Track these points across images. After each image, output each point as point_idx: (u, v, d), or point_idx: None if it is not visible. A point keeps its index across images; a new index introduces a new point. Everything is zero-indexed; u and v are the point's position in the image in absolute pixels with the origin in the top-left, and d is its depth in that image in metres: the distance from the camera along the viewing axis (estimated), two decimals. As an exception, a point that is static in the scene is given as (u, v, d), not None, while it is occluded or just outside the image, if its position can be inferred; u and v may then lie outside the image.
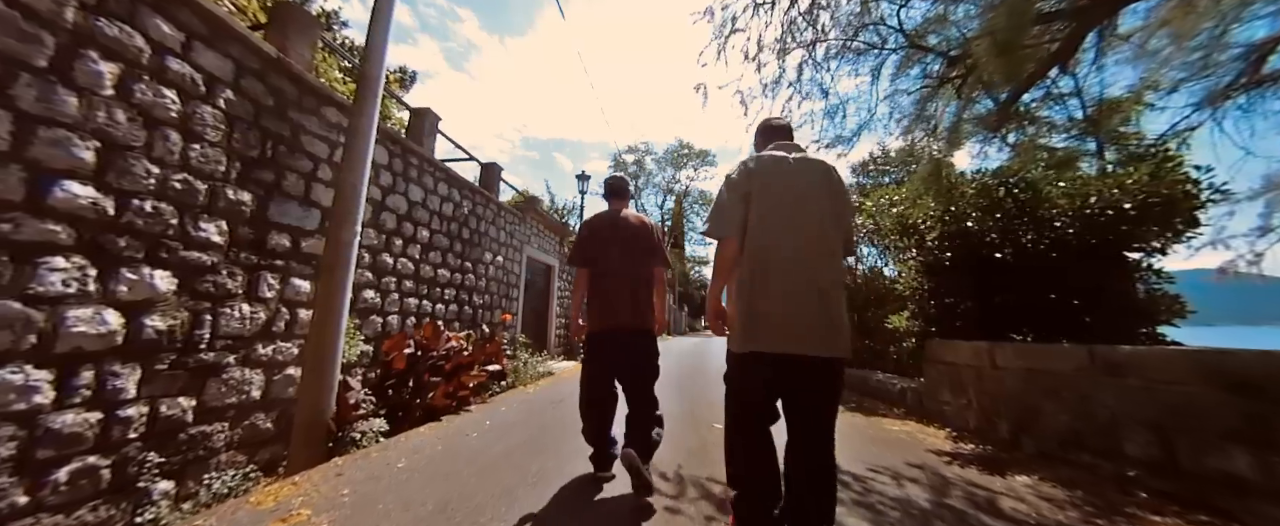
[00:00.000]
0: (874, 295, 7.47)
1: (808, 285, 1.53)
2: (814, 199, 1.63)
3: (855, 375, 6.53)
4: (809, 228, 1.59)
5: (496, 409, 4.51)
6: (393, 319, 4.70)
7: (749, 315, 1.57)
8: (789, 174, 1.67)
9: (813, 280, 1.54)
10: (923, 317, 4.47)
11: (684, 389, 5.72)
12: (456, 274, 6.01)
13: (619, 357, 2.40)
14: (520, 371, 6.47)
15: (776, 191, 1.64)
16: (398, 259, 4.79)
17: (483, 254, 6.78)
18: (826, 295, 1.53)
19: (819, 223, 1.61)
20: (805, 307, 1.51)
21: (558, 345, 10.73)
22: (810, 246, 1.58)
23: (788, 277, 1.55)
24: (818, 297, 1.52)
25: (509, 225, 7.88)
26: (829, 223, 1.62)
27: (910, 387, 4.83)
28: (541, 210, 9.58)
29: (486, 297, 6.92)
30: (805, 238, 1.58)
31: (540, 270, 9.74)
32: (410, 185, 5.01)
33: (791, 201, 1.62)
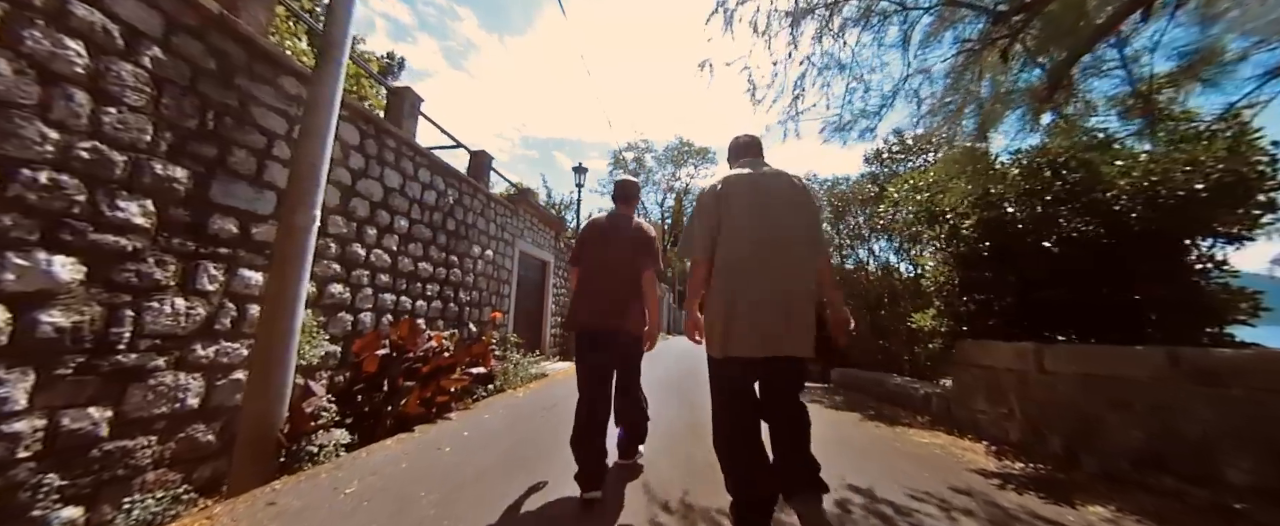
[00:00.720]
0: (887, 292, 7.07)
1: (775, 294, 1.70)
2: (780, 211, 1.79)
3: (870, 378, 6.12)
4: (776, 240, 1.75)
5: (479, 416, 4.10)
6: (365, 316, 4.29)
7: (723, 324, 1.74)
8: (756, 190, 1.83)
9: (779, 289, 1.71)
10: (951, 316, 4.06)
11: (685, 396, 5.31)
12: (440, 268, 5.60)
13: (604, 355, 2.43)
14: (510, 373, 6.06)
15: (744, 208, 1.79)
16: (371, 250, 4.37)
17: (470, 247, 6.37)
18: (793, 302, 1.71)
19: (786, 234, 1.76)
20: (773, 315, 1.68)
21: (553, 345, 10.32)
22: (777, 257, 1.73)
23: (756, 288, 1.71)
24: (784, 305, 1.69)
25: (500, 218, 7.46)
26: (796, 232, 1.78)
27: (935, 393, 4.42)
28: (535, 203, 9.17)
29: (474, 294, 6.50)
30: (772, 249, 1.74)
31: (534, 266, 9.33)
32: (386, 170, 4.60)
33: (759, 216, 1.78)
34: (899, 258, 7.14)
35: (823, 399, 5.71)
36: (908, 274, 7.08)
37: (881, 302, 7.11)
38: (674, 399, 5.03)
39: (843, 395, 6.00)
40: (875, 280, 7.14)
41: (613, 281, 2.44)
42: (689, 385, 6.07)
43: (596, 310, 2.41)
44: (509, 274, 7.74)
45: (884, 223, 6.22)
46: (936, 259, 4.14)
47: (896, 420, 4.30)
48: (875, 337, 6.82)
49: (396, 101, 5.23)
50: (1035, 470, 2.78)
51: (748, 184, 1.86)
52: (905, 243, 6.39)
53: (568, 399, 4.33)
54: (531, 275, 9.21)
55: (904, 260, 7.12)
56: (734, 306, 1.73)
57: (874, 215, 6.17)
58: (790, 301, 1.71)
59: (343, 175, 4.03)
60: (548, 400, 5.02)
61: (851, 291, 7.25)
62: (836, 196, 7.01)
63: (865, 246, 7.32)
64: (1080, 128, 3.85)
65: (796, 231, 1.79)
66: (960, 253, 3.70)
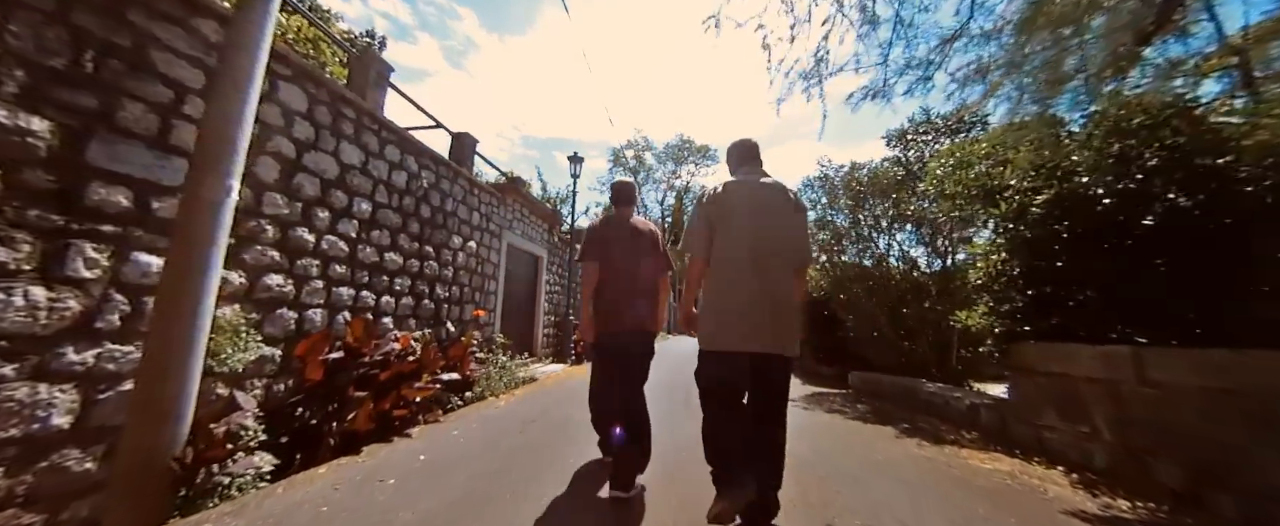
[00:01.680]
0: (911, 289, 6.45)
1: (764, 295, 1.90)
2: (773, 218, 2.01)
3: (897, 384, 5.51)
4: (767, 244, 1.96)
5: (446, 433, 3.50)
6: (315, 313, 3.68)
7: (714, 320, 1.97)
8: (751, 199, 2.03)
9: (768, 290, 1.91)
10: (1007, 313, 3.45)
11: (692, 407, 4.71)
12: (413, 260, 4.99)
13: (622, 355, 2.54)
14: (492, 379, 5.45)
15: (740, 214, 2.01)
16: (323, 237, 3.77)
17: (449, 238, 5.76)
18: (780, 303, 1.92)
19: (776, 241, 1.98)
20: (761, 314, 1.89)
21: (546, 346, 9.72)
22: (767, 260, 1.94)
23: (747, 288, 1.92)
24: (772, 305, 1.90)
25: (485, 207, 6.86)
26: (785, 240, 2.00)
27: (983, 404, 3.81)
28: (526, 193, 8.57)
29: (454, 290, 5.90)
30: (762, 255, 1.95)
31: (525, 260, 8.73)
32: (343, 143, 3.99)
33: (752, 222, 1.99)
34: (925, 251, 6.53)
35: (845, 408, 5.10)
36: (932, 268, 6.47)
37: (905, 300, 6.50)
38: (681, 412, 4.42)
39: (867, 403, 5.39)
40: (898, 276, 6.52)
41: (625, 282, 2.55)
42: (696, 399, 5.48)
43: (612, 312, 2.53)
44: (495, 268, 7.14)
45: (914, 210, 5.62)
46: (991, 245, 3.52)
47: (940, 437, 3.69)
48: (899, 338, 6.21)
49: (360, 69, 4.63)
50: (1150, 513, 2.17)
51: (744, 192, 2.05)
52: (942, 231, 5.78)
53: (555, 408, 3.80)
54: (522, 271, 8.61)
55: (929, 253, 6.51)
56: (725, 304, 1.93)
57: (901, 201, 5.57)
58: (777, 303, 1.89)
59: (284, 146, 3.43)
60: (532, 411, 4.41)
61: (871, 288, 6.64)
62: (855, 184, 6.40)
63: (887, 237, 6.71)
64: (1181, 74, 3.23)
65: (785, 240, 1.99)
66: (1025, 237, 3.10)
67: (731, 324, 1.90)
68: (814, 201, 7.61)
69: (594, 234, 2.70)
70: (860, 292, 6.57)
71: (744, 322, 1.88)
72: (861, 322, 6.66)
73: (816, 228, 7.68)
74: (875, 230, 6.60)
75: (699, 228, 2.08)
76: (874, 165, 6.56)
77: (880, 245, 7.01)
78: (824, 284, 7.73)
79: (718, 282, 1.99)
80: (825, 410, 4.94)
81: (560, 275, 10.71)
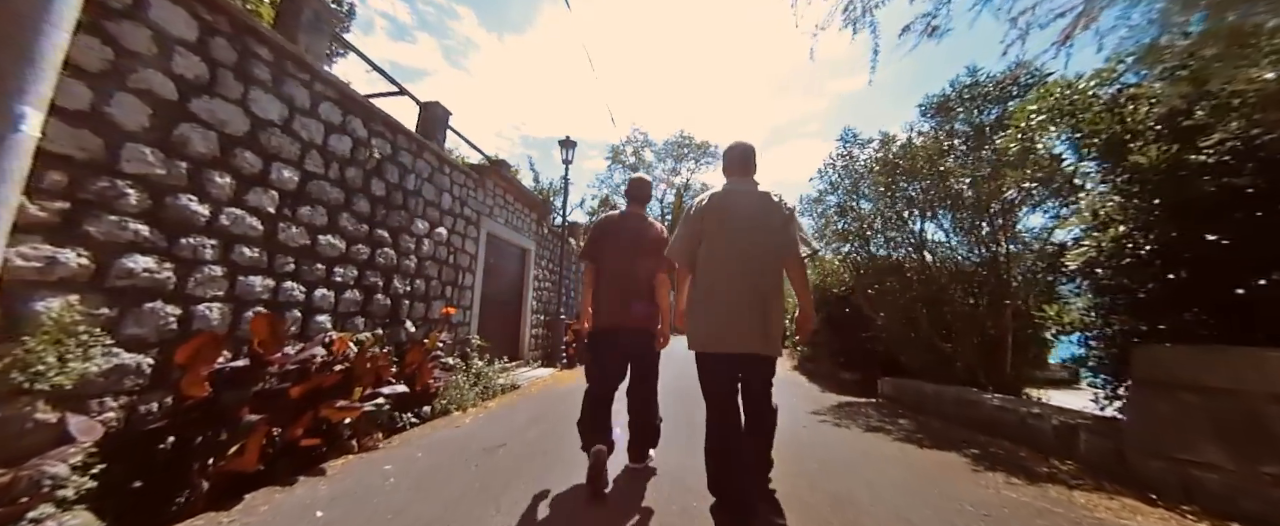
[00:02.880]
0: (953, 281, 5.62)
1: (747, 298, 2.04)
2: (753, 229, 2.11)
3: (944, 394, 4.67)
4: (752, 250, 2.09)
5: (374, 470, 2.67)
6: (209, 309, 2.85)
7: (701, 323, 2.13)
8: (734, 209, 2.16)
9: (751, 294, 2.04)
10: (1126, 306, 2.62)
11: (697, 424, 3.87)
12: (360, 246, 4.15)
13: (618, 355, 2.58)
14: (462, 388, 4.61)
15: (726, 222, 2.13)
16: (222, 209, 2.93)
17: (411, 222, 4.92)
18: (763, 306, 2.03)
19: (758, 249, 2.09)
20: (744, 317, 2.02)
21: (535, 348, 8.88)
22: (751, 265, 2.08)
23: (731, 292, 2.06)
24: (755, 308, 2.03)
25: (460, 190, 6.02)
26: (767, 248, 2.10)
27: (1083, 425, 2.97)
28: (511, 178, 7.73)
29: (418, 283, 5.06)
30: (747, 259, 2.08)
31: (510, 253, 7.89)
32: (255, 92, 3.16)
33: (737, 230, 2.12)
34: (966, 239, 5.69)
35: (886, 424, 4.27)
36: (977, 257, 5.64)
37: (945, 294, 5.67)
38: (687, 428, 3.60)
39: (908, 418, 4.56)
40: (937, 267, 5.69)
41: (632, 281, 2.57)
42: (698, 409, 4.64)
43: (617, 310, 2.55)
44: (472, 260, 6.30)
45: (958, 189, 4.78)
46: (1100, 215, 2.67)
47: (1028, 470, 2.86)
48: (940, 339, 5.37)
49: (291, 7, 3.79)
50: None
51: (730, 202, 2.19)
52: (989, 213, 4.94)
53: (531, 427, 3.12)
54: (506, 264, 7.77)
55: (971, 242, 5.67)
56: (710, 309, 2.10)
57: (950, 174, 4.74)
58: (759, 307, 2.04)
59: (159, 83, 2.59)
60: (501, 432, 3.58)
61: (908, 281, 5.81)
62: (889, 160, 5.56)
63: (923, 222, 5.88)
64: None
65: (767, 247, 2.11)
66: (1175, 199, 2.26)
67: (716, 328, 2.07)
68: (834, 185, 6.79)
69: (597, 231, 2.74)
70: (894, 286, 5.75)
71: (727, 328, 2.04)
72: (894, 321, 5.83)
73: (837, 215, 6.86)
74: (911, 214, 5.77)
75: (684, 237, 2.23)
76: (909, 137, 5.73)
77: (916, 231, 6.18)
78: (847, 278, 6.90)
79: (703, 289, 2.15)
80: (862, 427, 4.11)
81: (550, 270, 9.87)
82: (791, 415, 4.71)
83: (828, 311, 7.69)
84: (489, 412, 4.40)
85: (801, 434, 3.80)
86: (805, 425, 4.17)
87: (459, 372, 4.96)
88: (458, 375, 4.83)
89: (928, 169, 5.32)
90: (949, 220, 5.87)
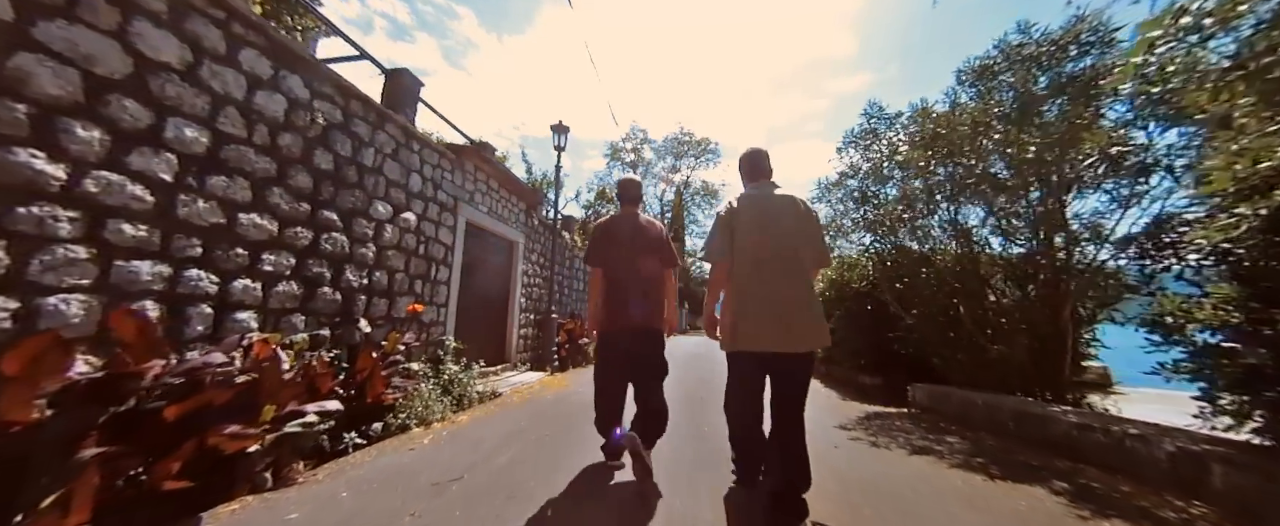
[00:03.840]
0: (1001, 273, 4.96)
1: (777, 297, 2.13)
2: (786, 229, 2.24)
3: (1007, 408, 4.01)
4: (780, 252, 2.20)
5: (276, 517, 1.99)
6: (64, 303, 2.19)
7: (734, 323, 2.19)
8: (764, 212, 2.28)
9: (781, 296, 2.13)
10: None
11: (704, 437, 3.21)
12: (298, 229, 3.49)
13: (628, 355, 2.67)
14: (427, 399, 3.95)
15: (755, 224, 2.25)
16: (89, 172, 2.27)
17: (370, 203, 4.25)
18: (793, 305, 2.12)
19: (789, 247, 2.21)
20: (774, 316, 2.11)
21: (523, 350, 8.22)
22: (780, 266, 2.18)
23: (762, 292, 2.16)
24: (785, 308, 2.11)
25: (433, 170, 5.36)
26: (797, 245, 2.22)
27: (1217, 453, 2.30)
28: (495, 161, 7.05)
29: (378, 276, 4.40)
30: (776, 263, 2.18)
31: (495, 245, 7.22)
32: (140, 24, 2.49)
33: (766, 232, 2.23)
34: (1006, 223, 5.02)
35: (931, 442, 3.60)
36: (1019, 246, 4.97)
37: (983, 288, 5.02)
38: (692, 439, 2.95)
39: (957, 436, 3.89)
40: (979, 257, 5.03)
41: (636, 281, 2.69)
42: (700, 416, 3.98)
43: (623, 310, 2.66)
44: (447, 251, 5.63)
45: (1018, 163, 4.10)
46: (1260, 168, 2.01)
47: (1153, 515, 2.19)
48: (987, 339, 4.71)
49: (206, -67, 3.11)
50: None
51: (758, 206, 2.31)
52: (1051, 187, 4.27)
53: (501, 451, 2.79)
54: (491, 258, 7.11)
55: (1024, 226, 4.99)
56: (743, 309, 2.17)
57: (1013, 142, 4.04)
58: (790, 306, 2.12)
59: (-23, -6, 1.91)
60: (462, 457, 2.90)
61: (952, 272, 5.14)
62: (925, 136, 4.88)
63: (961, 207, 5.21)
64: None
65: (797, 248, 2.22)
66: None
67: (748, 328, 2.15)
68: (854, 168, 6.11)
69: (599, 234, 2.85)
70: (929, 279, 5.08)
71: (760, 327, 2.13)
72: (929, 320, 5.16)
73: (856, 202, 6.19)
74: (952, 195, 5.09)
75: (720, 236, 2.32)
76: (950, 107, 5.03)
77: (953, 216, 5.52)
78: (871, 272, 6.22)
79: (735, 291, 2.24)
80: (905, 447, 3.45)
81: (541, 266, 9.20)
82: (817, 429, 4.05)
83: (846, 309, 7.02)
84: (457, 429, 3.73)
85: (836, 458, 3.13)
86: (837, 445, 3.51)
87: (425, 380, 4.29)
88: (423, 383, 4.16)
89: (971, 145, 4.63)
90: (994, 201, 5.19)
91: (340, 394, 3.40)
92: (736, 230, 2.26)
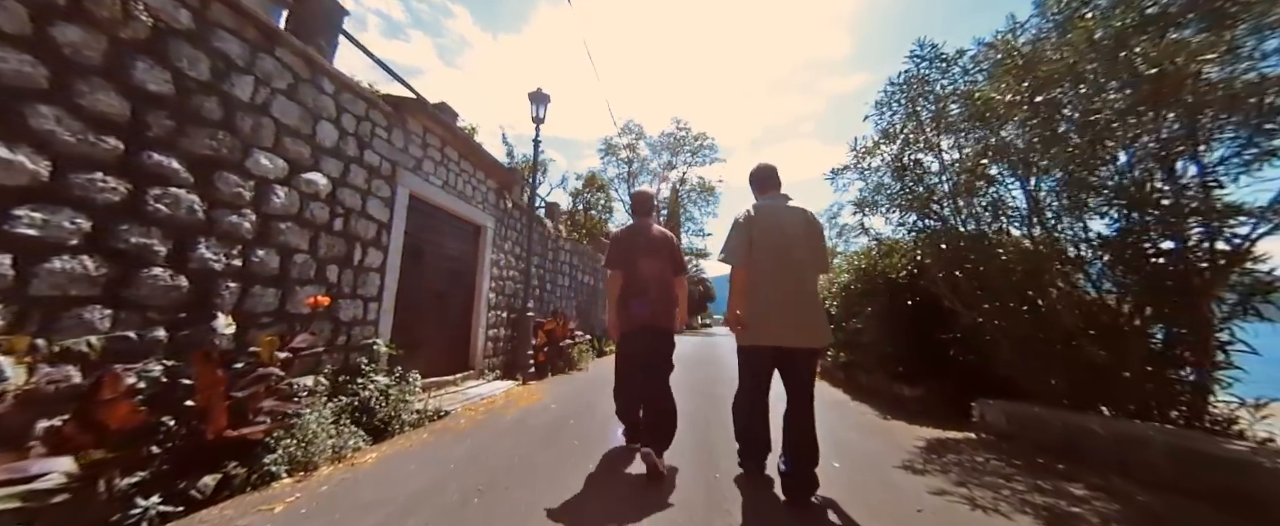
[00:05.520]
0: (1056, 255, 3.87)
1: (789, 299, 2.48)
2: (797, 237, 2.59)
3: (1152, 443, 2.88)
4: (791, 258, 2.54)
5: None
6: None
7: (750, 320, 2.50)
8: (778, 221, 2.62)
9: (793, 296, 2.49)
10: None
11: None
12: (102, 177, 2.34)
13: (641, 350, 3.00)
14: (311, 432, 2.78)
15: (770, 232, 2.58)
16: None
17: (245, 154, 3.11)
18: (803, 305, 2.49)
19: (800, 254, 2.56)
20: (787, 314, 2.46)
21: (492, 354, 7.06)
22: (792, 271, 2.52)
23: (776, 295, 2.49)
24: (795, 307, 2.47)
25: (361, 124, 4.21)
26: (805, 255, 2.57)
27: None
28: (454, 126, 5.87)
29: (262, 256, 3.25)
30: (789, 265, 2.53)
31: (456, 229, 6.05)
32: None
33: (780, 240, 2.57)
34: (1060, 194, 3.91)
35: (1055, 501, 2.48)
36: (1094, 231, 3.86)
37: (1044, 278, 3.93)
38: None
39: (1082, 485, 2.76)
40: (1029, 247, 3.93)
41: (651, 285, 3.03)
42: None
43: (639, 310, 2.99)
44: (379, 230, 4.46)
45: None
46: None
47: None
48: (1093, 343, 3.59)
49: None
50: None
51: (773, 216, 2.64)
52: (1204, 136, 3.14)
53: (407, 514, 2.15)
54: (449, 243, 5.94)
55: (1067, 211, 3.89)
56: (759, 309, 2.49)
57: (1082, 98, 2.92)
58: (801, 307, 2.48)
59: None
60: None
61: (1022, 260, 4.04)
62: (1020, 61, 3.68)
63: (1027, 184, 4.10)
64: None
65: (805, 254, 2.57)
66: None
67: (763, 324, 2.47)
68: (890, 133, 4.97)
69: (619, 243, 3.19)
70: (1013, 265, 3.95)
71: (772, 323, 2.46)
72: (1005, 316, 4.02)
73: (894, 176, 5.07)
74: (1030, 162, 3.96)
75: (738, 240, 2.61)
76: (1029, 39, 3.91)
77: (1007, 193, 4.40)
78: (919, 257, 5.09)
79: (752, 290, 2.54)
80: (1025, 511, 2.31)
81: (516, 256, 8.04)
82: (874, 471, 2.92)
83: (879, 305, 5.89)
84: (351, 475, 2.58)
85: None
86: (920, 507, 2.37)
87: (317, 400, 3.13)
88: (315, 407, 2.99)
89: (1083, 70, 3.40)
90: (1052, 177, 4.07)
91: (170, 427, 2.26)
92: (754, 236, 2.57)
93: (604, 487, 2.53)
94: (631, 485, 2.58)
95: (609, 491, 2.48)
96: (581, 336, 9.01)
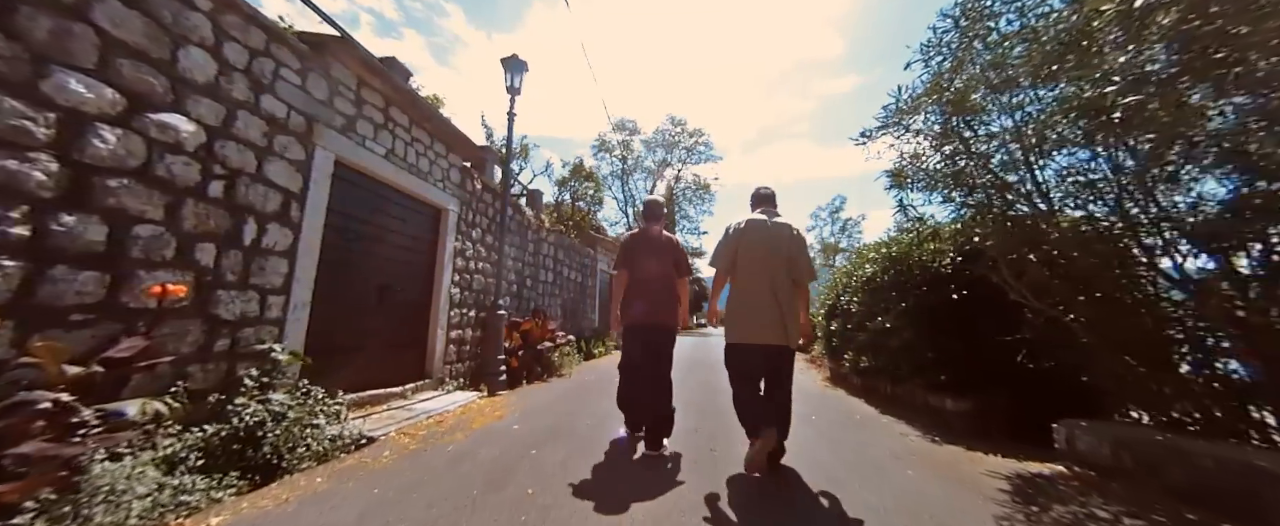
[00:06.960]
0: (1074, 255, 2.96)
1: (769, 302, 2.90)
2: (779, 249, 3.00)
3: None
4: (774, 266, 2.97)
5: None
6: None
7: (732, 320, 3.02)
8: (764, 233, 3.05)
9: (772, 299, 2.91)
10: None
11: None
12: None
13: (644, 344, 3.37)
14: (117, 489, 1.79)
15: (755, 243, 3.02)
16: None
17: (45, 74, 2.14)
18: (781, 308, 2.89)
19: (781, 264, 2.98)
20: (766, 315, 2.90)
21: (454, 359, 6.09)
22: (773, 278, 2.94)
23: (756, 296, 2.95)
24: (774, 309, 2.89)
25: (249, 58, 3.26)
26: (786, 263, 2.99)
27: None
28: (401, 84, 4.90)
29: (66, 226, 2.28)
30: (770, 272, 2.96)
31: (406, 210, 5.08)
32: None
33: (763, 251, 3.00)
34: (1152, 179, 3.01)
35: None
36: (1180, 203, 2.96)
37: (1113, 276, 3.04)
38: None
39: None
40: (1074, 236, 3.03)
41: (656, 286, 3.42)
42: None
43: (646, 309, 3.37)
44: (286, 201, 3.50)
45: None
46: None
47: None
48: (1248, 347, 2.69)
49: None
50: None
51: (760, 228, 3.06)
52: None
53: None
54: (397, 226, 4.98)
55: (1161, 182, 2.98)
56: (741, 310, 2.97)
57: None
58: (779, 311, 2.89)
59: None
60: None
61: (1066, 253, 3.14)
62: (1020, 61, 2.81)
63: (1099, 151, 3.21)
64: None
65: (784, 265, 2.98)
66: None
67: (746, 324, 2.94)
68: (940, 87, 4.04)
69: (628, 246, 3.55)
70: (1122, 246, 3.04)
71: (755, 323, 2.91)
72: (1099, 310, 3.11)
73: (935, 144, 4.17)
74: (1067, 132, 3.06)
75: (725, 249, 3.09)
76: None
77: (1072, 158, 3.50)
78: (976, 241, 4.17)
79: (735, 292, 3.05)
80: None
81: (487, 245, 7.06)
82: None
83: (917, 299, 4.97)
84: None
85: None
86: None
87: (158, 438, 2.17)
88: (132, 452, 2.03)
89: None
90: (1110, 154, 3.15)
91: None
92: (740, 247, 3.04)
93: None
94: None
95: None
96: (564, 338, 8.04)
